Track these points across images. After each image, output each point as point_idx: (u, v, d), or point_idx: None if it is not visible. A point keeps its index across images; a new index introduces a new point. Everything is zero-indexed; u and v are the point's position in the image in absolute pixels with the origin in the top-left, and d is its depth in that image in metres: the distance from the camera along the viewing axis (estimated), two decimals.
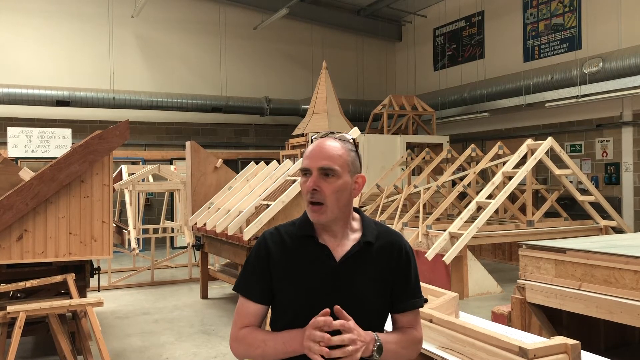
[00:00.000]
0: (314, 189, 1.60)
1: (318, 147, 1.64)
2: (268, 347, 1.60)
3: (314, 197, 1.61)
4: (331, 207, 1.61)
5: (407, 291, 1.69)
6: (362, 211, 1.78)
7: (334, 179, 1.60)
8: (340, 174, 1.61)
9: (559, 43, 11.72)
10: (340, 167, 1.61)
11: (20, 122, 11.92)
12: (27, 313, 3.94)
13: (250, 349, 1.63)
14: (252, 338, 1.63)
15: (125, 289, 8.25)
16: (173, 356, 5.10)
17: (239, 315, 1.69)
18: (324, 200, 1.60)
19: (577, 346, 2.51)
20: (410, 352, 1.70)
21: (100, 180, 4.60)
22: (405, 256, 1.70)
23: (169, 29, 13.79)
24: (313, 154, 1.63)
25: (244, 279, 1.71)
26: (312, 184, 1.60)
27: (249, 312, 1.68)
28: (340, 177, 1.61)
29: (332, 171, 1.60)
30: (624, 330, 4.50)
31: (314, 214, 1.62)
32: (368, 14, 15.50)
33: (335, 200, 1.61)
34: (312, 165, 1.62)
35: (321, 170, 1.60)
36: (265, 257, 1.67)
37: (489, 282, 7.56)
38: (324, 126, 11.03)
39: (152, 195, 13.01)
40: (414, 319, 1.73)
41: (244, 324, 1.67)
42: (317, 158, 1.61)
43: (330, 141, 1.65)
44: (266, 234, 1.73)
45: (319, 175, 1.60)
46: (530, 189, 8.45)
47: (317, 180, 1.60)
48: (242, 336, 1.65)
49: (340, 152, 1.63)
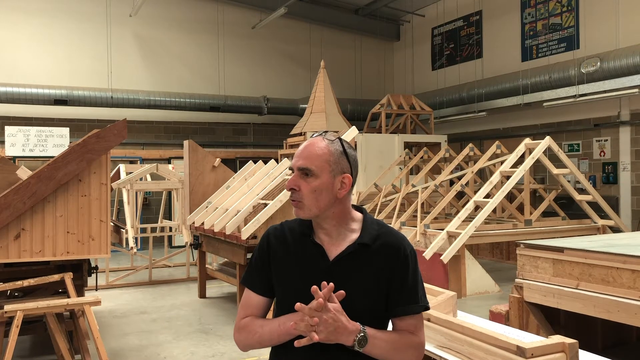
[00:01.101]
0: (292, 188, 1.66)
1: (303, 146, 1.69)
2: (264, 331, 1.65)
3: (292, 196, 1.67)
4: (309, 206, 1.64)
5: (402, 295, 1.66)
6: (367, 211, 1.77)
7: (312, 179, 1.63)
8: (318, 174, 1.63)
9: (557, 43, 11.74)
10: (318, 167, 1.63)
11: (17, 120, 11.90)
12: (25, 312, 3.94)
13: (249, 336, 1.68)
14: (252, 325, 1.69)
15: (123, 288, 8.24)
16: (171, 355, 5.10)
17: (242, 306, 1.75)
18: (301, 199, 1.65)
19: (574, 345, 2.51)
20: (405, 355, 1.65)
21: (98, 179, 4.60)
22: (404, 259, 1.67)
23: (167, 28, 13.77)
24: (297, 153, 1.69)
25: (248, 272, 1.78)
26: (290, 183, 1.67)
27: (252, 303, 1.73)
28: (318, 177, 1.63)
29: (309, 171, 1.63)
30: (621, 329, 4.51)
31: (295, 209, 1.69)
32: (366, 13, 15.50)
33: (313, 199, 1.64)
34: (293, 165, 1.68)
35: (300, 170, 1.65)
36: (267, 251, 1.73)
37: (487, 281, 7.57)
38: (322, 125, 11.03)
39: (150, 194, 13.00)
40: (413, 324, 1.68)
41: (246, 314, 1.73)
42: (298, 157, 1.67)
43: (317, 140, 1.67)
44: (271, 229, 1.79)
45: (299, 174, 1.66)
46: (528, 188, 8.46)
47: (295, 179, 1.66)
48: (243, 325, 1.70)
49: (322, 152, 1.64)
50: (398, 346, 1.63)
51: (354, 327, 1.56)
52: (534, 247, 4.39)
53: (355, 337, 1.55)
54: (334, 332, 1.52)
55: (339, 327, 1.53)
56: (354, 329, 1.56)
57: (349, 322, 1.55)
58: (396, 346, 1.63)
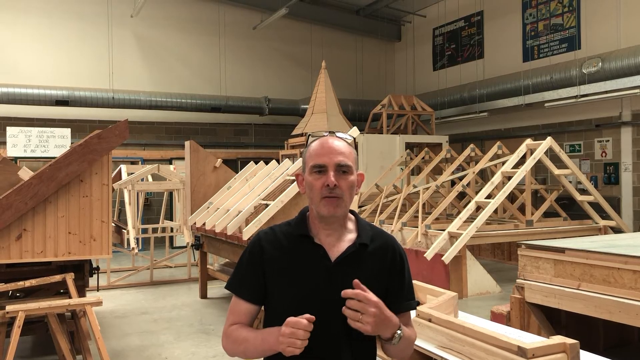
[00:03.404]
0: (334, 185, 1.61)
1: (329, 144, 1.66)
2: (249, 344, 1.63)
3: (333, 192, 1.62)
4: (346, 202, 1.65)
5: (402, 293, 1.72)
6: (357, 212, 1.80)
7: (348, 175, 1.64)
8: (353, 170, 1.66)
9: (558, 43, 11.73)
10: (352, 163, 1.66)
11: (19, 121, 11.91)
12: (26, 312, 3.94)
13: (235, 346, 1.68)
14: (237, 335, 1.67)
15: (124, 289, 8.24)
16: (172, 355, 5.10)
17: (231, 313, 1.73)
18: (342, 195, 1.63)
19: (575, 346, 2.51)
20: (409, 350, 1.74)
21: (100, 180, 4.60)
22: (400, 258, 1.73)
23: (168, 29, 13.79)
24: (326, 151, 1.64)
25: (236, 278, 1.74)
26: (333, 180, 1.61)
27: (240, 310, 1.71)
28: (353, 174, 1.66)
29: (348, 167, 1.64)
30: (622, 330, 4.50)
31: (330, 206, 1.62)
32: (367, 13, 15.50)
33: (350, 195, 1.66)
34: (328, 162, 1.63)
35: (338, 167, 1.63)
36: (259, 256, 1.69)
37: (488, 281, 7.56)
38: (324, 126, 11.03)
39: (151, 195, 13.00)
40: (409, 319, 1.79)
41: (234, 321, 1.71)
42: (334, 155, 1.64)
43: (337, 140, 1.68)
44: (261, 233, 1.75)
45: (335, 171, 1.63)
46: (530, 188, 8.45)
47: (336, 176, 1.63)
48: (229, 333, 1.70)
49: (350, 149, 1.68)
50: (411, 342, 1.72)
51: (396, 321, 1.59)
52: (535, 248, 4.39)
53: (395, 332, 1.58)
54: (381, 323, 1.54)
55: (386, 318, 1.55)
56: (396, 322, 1.59)
57: (392, 316, 1.58)
58: (410, 342, 1.71)
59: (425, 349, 2.92)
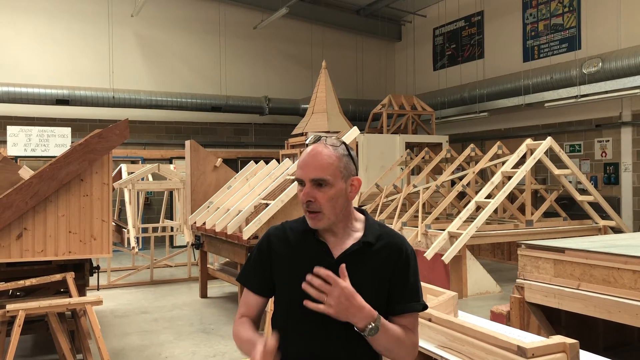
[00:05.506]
0: (308, 200, 1.63)
1: (309, 156, 1.65)
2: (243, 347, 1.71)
3: (309, 207, 1.64)
4: (328, 214, 1.64)
5: (404, 293, 1.69)
6: (368, 212, 1.79)
7: (327, 188, 1.62)
8: (333, 182, 1.63)
9: (559, 43, 11.73)
10: (331, 176, 1.62)
11: (19, 120, 11.91)
12: (27, 311, 3.95)
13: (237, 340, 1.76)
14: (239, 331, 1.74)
15: (125, 288, 8.25)
16: (172, 355, 5.11)
17: (241, 304, 1.81)
18: (320, 209, 1.63)
19: (575, 345, 2.52)
20: (404, 353, 1.68)
21: (100, 179, 4.60)
22: (405, 258, 1.70)
23: (169, 28, 13.79)
24: (304, 164, 1.65)
25: (245, 270, 1.82)
26: (305, 196, 1.63)
27: (249, 301, 1.79)
28: (333, 186, 1.63)
29: (324, 181, 1.62)
30: (622, 329, 4.51)
31: (312, 221, 1.66)
32: (368, 13, 15.50)
33: (331, 207, 1.64)
34: (304, 177, 1.64)
35: (313, 181, 1.63)
36: (267, 250, 1.75)
37: (488, 281, 7.57)
38: (324, 126, 11.03)
39: (151, 194, 13.01)
40: (412, 322, 1.72)
41: (243, 312, 1.79)
42: (309, 169, 1.63)
43: (322, 148, 1.65)
44: (271, 229, 1.81)
45: (311, 186, 1.63)
46: (530, 188, 8.45)
47: (310, 191, 1.63)
48: (237, 326, 1.77)
49: (331, 160, 1.63)
50: (401, 343, 1.66)
51: (371, 312, 1.57)
52: (535, 248, 4.39)
53: (369, 324, 1.56)
54: (347, 310, 1.54)
55: (354, 306, 1.54)
56: (370, 314, 1.57)
57: (365, 306, 1.56)
58: (400, 343, 1.66)
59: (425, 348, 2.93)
